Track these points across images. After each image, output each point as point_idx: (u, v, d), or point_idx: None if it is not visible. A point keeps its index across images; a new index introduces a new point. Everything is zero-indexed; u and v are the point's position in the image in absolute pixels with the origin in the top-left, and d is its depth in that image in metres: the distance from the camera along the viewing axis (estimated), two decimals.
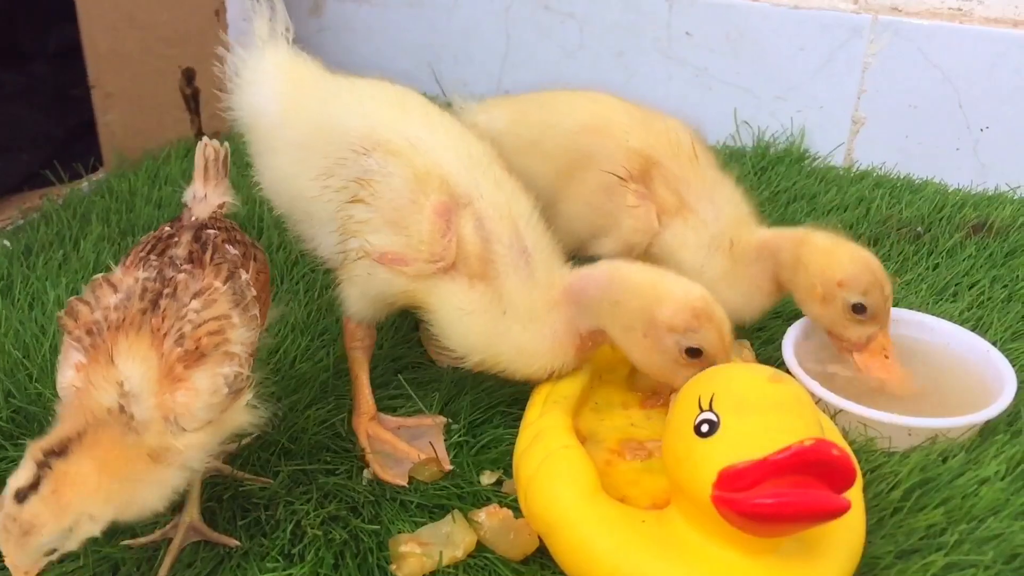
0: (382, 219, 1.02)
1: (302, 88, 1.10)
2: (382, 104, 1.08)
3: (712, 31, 1.90)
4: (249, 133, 1.12)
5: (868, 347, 1.14)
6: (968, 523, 0.97)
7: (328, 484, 1.02)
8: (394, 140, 1.03)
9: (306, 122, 1.08)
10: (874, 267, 1.13)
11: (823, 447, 0.74)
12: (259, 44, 1.12)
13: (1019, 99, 1.72)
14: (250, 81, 1.11)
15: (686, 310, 0.97)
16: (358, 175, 1.03)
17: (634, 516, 0.87)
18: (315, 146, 1.06)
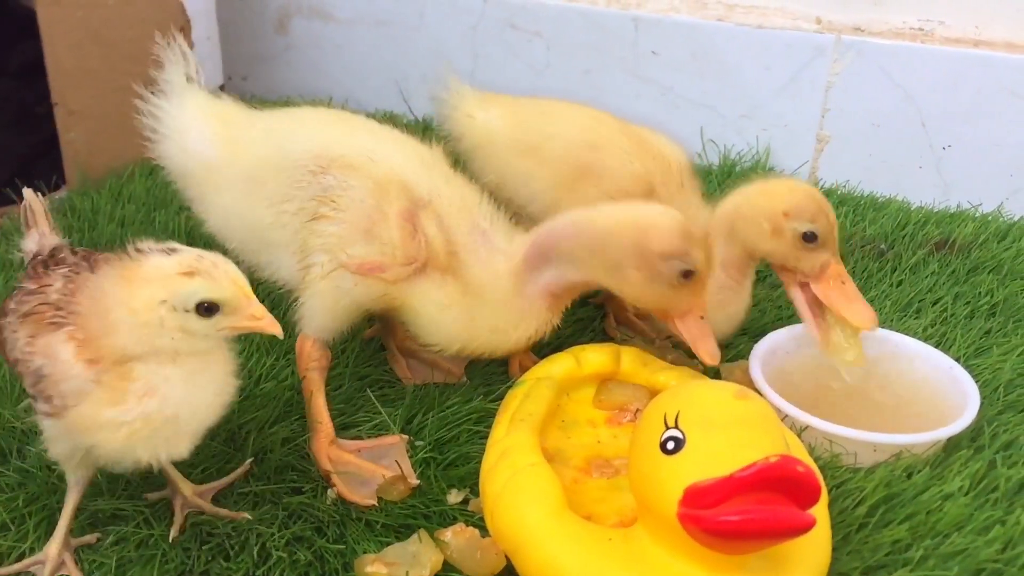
0: (354, 230, 1.04)
1: (233, 125, 1.13)
2: (326, 124, 1.12)
3: (678, 50, 1.91)
4: (184, 179, 1.14)
5: (824, 275, 1.15)
6: (933, 538, 0.97)
7: (293, 504, 1.01)
8: (348, 154, 1.06)
9: (250, 155, 1.10)
10: (815, 195, 1.15)
11: (788, 464, 0.74)
12: (177, 92, 1.13)
13: (981, 118, 1.75)
14: (176, 129, 1.13)
15: (675, 235, 1.01)
16: (318, 194, 1.05)
17: (600, 534, 0.87)
18: (264, 176, 1.08)
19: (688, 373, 1.12)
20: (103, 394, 0.83)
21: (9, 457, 1.06)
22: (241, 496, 1.03)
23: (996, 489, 1.04)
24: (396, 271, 1.04)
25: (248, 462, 1.06)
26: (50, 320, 0.86)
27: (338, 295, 1.07)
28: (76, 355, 0.84)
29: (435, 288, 1.05)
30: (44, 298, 0.88)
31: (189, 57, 1.14)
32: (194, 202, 1.16)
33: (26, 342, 0.86)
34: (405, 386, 1.22)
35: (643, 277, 1.02)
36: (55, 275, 0.91)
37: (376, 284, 1.05)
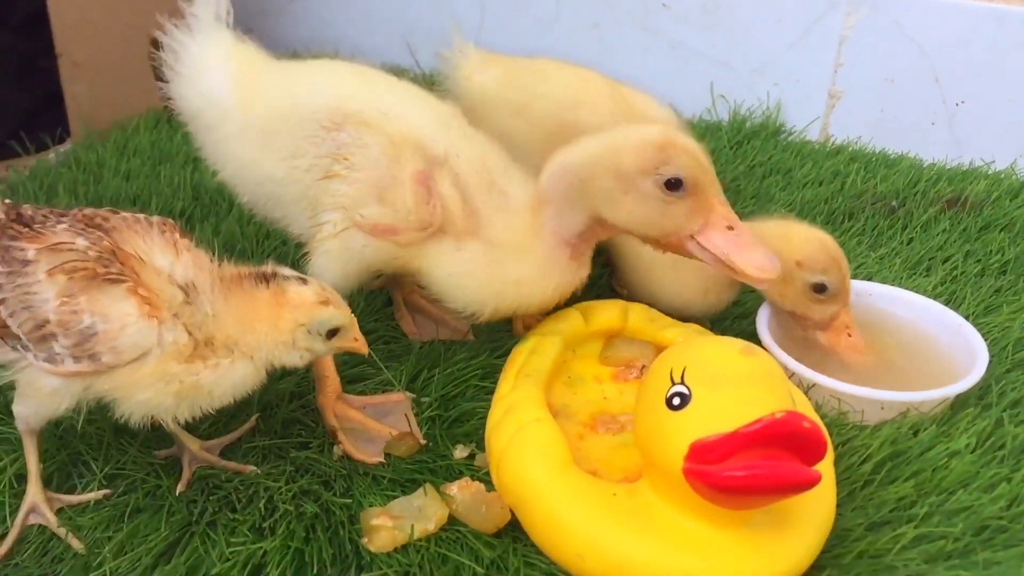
0: (367, 191, 1.02)
1: (254, 73, 1.09)
2: (345, 79, 1.08)
3: (688, 3, 1.88)
4: (198, 122, 1.10)
5: (832, 326, 1.15)
6: (938, 495, 0.97)
7: (300, 458, 1.02)
8: (365, 111, 1.03)
9: (266, 106, 1.07)
10: (830, 246, 1.13)
11: (794, 419, 0.74)
12: (202, 30, 1.09)
13: (995, 74, 1.72)
14: (196, 69, 1.09)
15: (648, 146, 0.96)
16: (332, 150, 1.03)
17: (605, 489, 0.87)
18: (279, 129, 1.05)
19: (695, 329, 1.12)
20: (169, 351, 0.87)
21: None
22: (248, 450, 1.03)
23: (1003, 447, 1.04)
24: (409, 235, 1.02)
25: (254, 417, 1.06)
26: (104, 277, 0.86)
27: (348, 255, 1.06)
28: (140, 311, 0.85)
29: (450, 253, 1.03)
30: (79, 256, 0.87)
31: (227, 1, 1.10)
32: (206, 148, 1.12)
33: (62, 302, 0.85)
34: (411, 342, 1.22)
35: (631, 200, 0.97)
36: (64, 233, 0.89)
37: (388, 246, 1.04)
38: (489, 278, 1.04)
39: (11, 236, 0.90)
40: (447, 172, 1.03)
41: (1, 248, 0.89)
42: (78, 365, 0.86)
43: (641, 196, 0.97)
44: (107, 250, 0.88)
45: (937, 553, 0.90)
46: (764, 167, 1.71)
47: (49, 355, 0.86)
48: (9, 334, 0.88)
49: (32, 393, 0.91)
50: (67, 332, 0.85)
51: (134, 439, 1.04)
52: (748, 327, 1.21)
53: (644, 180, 0.96)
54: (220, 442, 1.03)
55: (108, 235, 0.90)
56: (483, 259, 1.03)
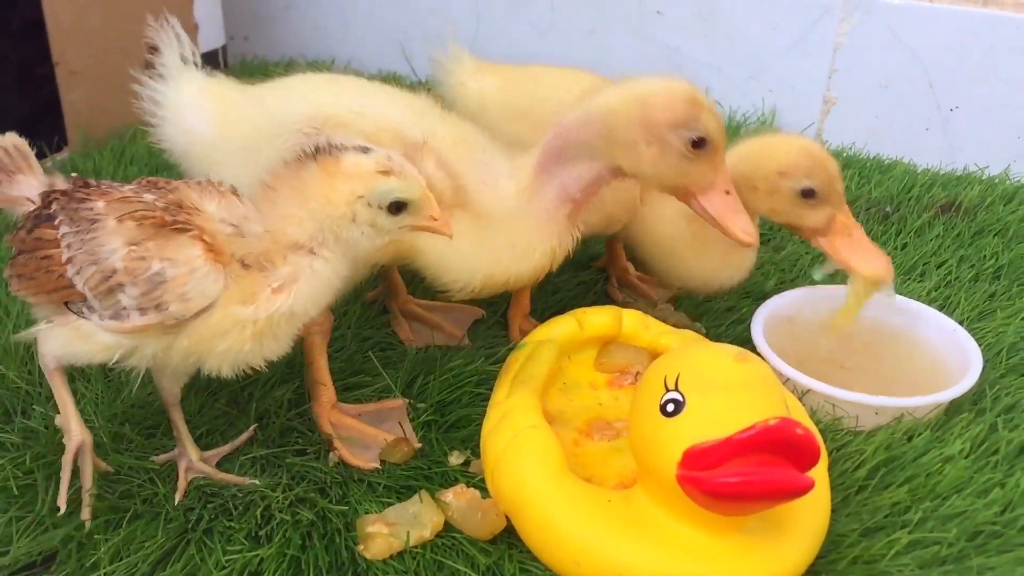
0: None
1: (228, 103, 1.13)
2: (317, 88, 1.12)
3: (683, 10, 1.89)
4: (186, 159, 1.15)
5: (832, 228, 1.13)
6: (932, 501, 0.98)
7: (296, 466, 1.02)
8: (339, 113, 1.06)
9: (244, 128, 1.10)
10: (812, 149, 1.12)
11: (787, 426, 0.74)
12: (174, 75, 1.14)
13: (989, 79, 1.73)
14: (174, 111, 1.13)
15: (680, 102, 0.98)
16: None
17: (600, 495, 0.87)
18: (258, 144, 1.08)
19: (690, 336, 1.12)
20: (235, 295, 0.86)
21: (14, 417, 1.07)
22: (245, 458, 1.03)
23: (996, 452, 1.04)
24: None
25: (252, 428, 1.06)
26: (171, 226, 0.85)
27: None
28: (206, 256, 0.85)
29: None
30: (147, 206, 0.87)
31: (183, 39, 1.15)
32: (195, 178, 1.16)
33: (130, 249, 0.85)
34: (407, 348, 1.22)
35: (655, 152, 0.99)
36: (127, 190, 0.90)
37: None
38: (480, 247, 1.04)
39: (79, 199, 0.90)
40: (429, 153, 1.04)
41: (70, 211, 0.90)
42: (145, 318, 0.85)
43: (665, 148, 0.98)
44: (173, 203, 0.88)
45: (931, 559, 0.91)
46: None
47: (115, 311, 0.86)
48: (75, 295, 0.87)
49: (76, 339, 0.90)
50: (135, 280, 0.84)
51: (131, 444, 1.04)
52: (743, 332, 1.22)
53: (671, 134, 0.98)
54: (218, 452, 1.04)
55: (172, 192, 0.90)
56: (474, 229, 1.04)
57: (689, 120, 0.97)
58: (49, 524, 0.94)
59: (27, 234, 0.92)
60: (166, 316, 0.85)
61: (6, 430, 1.04)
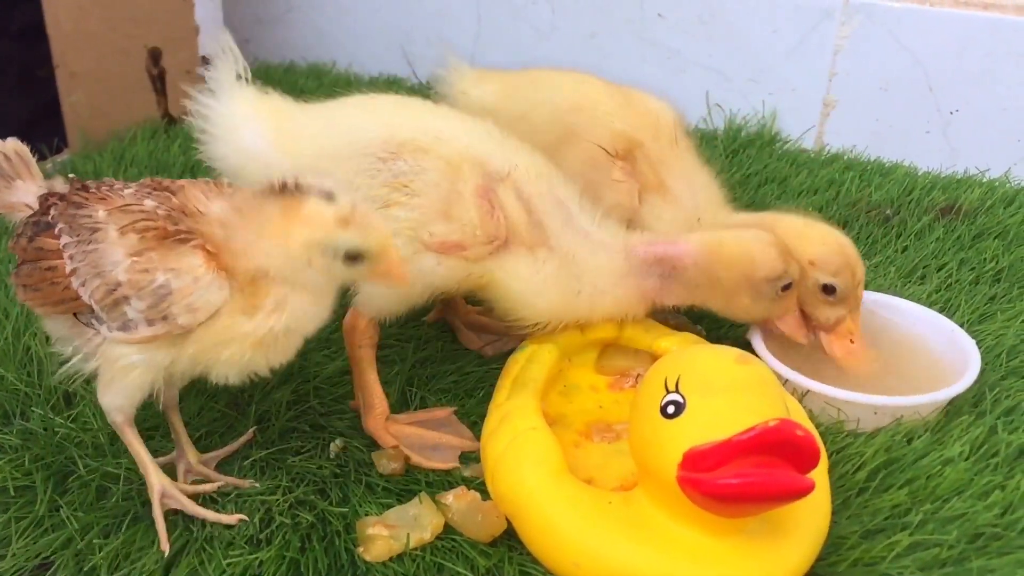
0: (431, 213, 1.03)
1: (287, 120, 1.11)
2: (390, 110, 1.11)
3: (685, 13, 1.89)
4: (241, 178, 1.10)
5: (836, 329, 1.15)
6: (932, 503, 0.97)
7: (296, 467, 1.02)
8: (417, 138, 1.05)
9: (309, 147, 1.08)
10: (847, 250, 1.14)
11: (787, 427, 0.74)
12: (227, 91, 1.10)
13: (989, 82, 1.73)
14: (229, 129, 1.10)
15: (777, 261, 1.09)
16: (389, 180, 1.04)
17: (600, 497, 0.87)
18: (328, 167, 1.05)
19: (690, 339, 1.12)
20: (238, 305, 0.86)
21: (12, 419, 1.07)
22: (244, 460, 1.03)
23: (996, 454, 1.04)
24: (477, 249, 1.03)
25: (251, 430, 1.06)
26: (174, 237, 0.85)
27: (418, 278, 1.04)
28: (209, 266, 0.85)
29: (521, 262, 1.05)
30: (149, 215, 0.87)
31: (237, 55, 1.11)
32: None
33: (133, 261, 0.85)
34: (404, 350, 1.22)
35: (749, 298, 1.10)
36: (131, 196, 0.90)
37: (459, 265, 1.04)
38: (565, 288, 1.06)
39: (77, 204, 0.90)
40: (509, 185, 1.05)
41: (68, 218, 0.89)
42: (152, 328, 0.85)
43: (758, 295, 1.10)
44: (176, 208, 0.88)
45: (932, 561, 0.91)
46: (759, 176, 1.72)
47: (122, 323, 0.86)
48: (82, 306, 0.87)
49: (115, 374, 0.89)
50: (140, 293, 0.84)
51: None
52: (743, 334, 1.21)
53: (767, 285, 1.09)
54: (217, 455, 1.03)
55: (176, 195, 0.90)
56: (559, 268, 1.06)
57: (783, 274, 1.09)
58: (48, 526, 0.94)
59: (28, 243, 0.91)
60: (173, 326, 0.85)
61: (5, 432, 1.04)
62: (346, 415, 1.11)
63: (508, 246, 1.04)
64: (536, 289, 1.05)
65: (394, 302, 1.07)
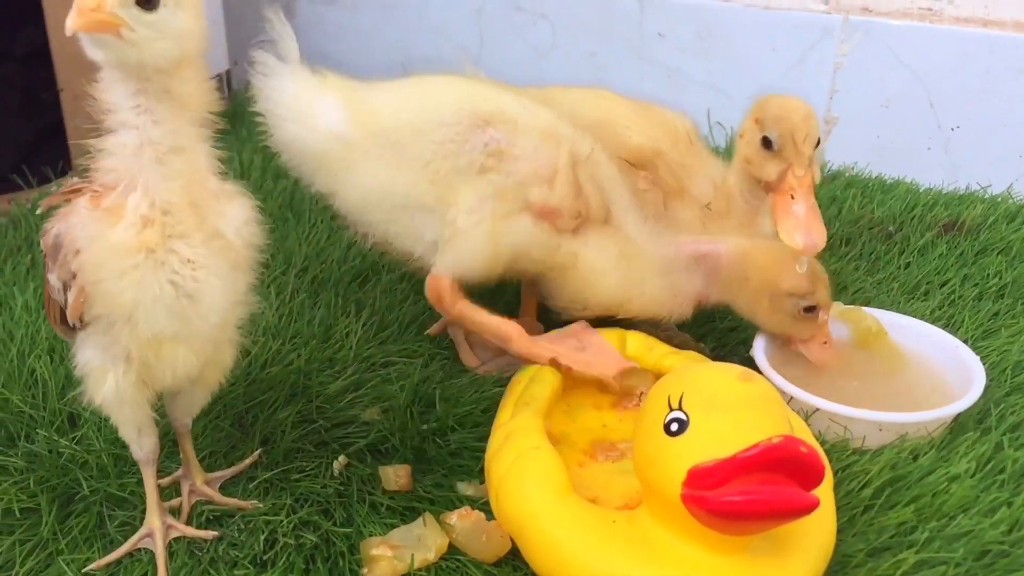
0: (531, 178, 1.07)
1: (357, 97, 1.10)
2: (468, 86, 1.13)
3: (684, 32, 1.90)
4: (314, 161, 1.10)
5: (779, 186, 1.14)
6: (939, 520, 0.97)
7: (300, 487, 1.02)
8: (505, 110, 1.09)
9: (386, 123, 1.08)
10: (788, 103, 1.17)
11: (791, 444, 0.74)
12: (293, 72, 1.09)
13: (989, 98, 1.74)
14: (299, 111, 1.09)
15: (803, 278, 1.11)
16: (480, 147, 1.07)
17: (605, 516, 0.87)
18: (409, 140, 1.08)
19: (693, 357, 1.12)
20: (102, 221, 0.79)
21: (17, 441, 1.07)
22: (250, 481, 1.03)
23: (1003, 471, 1.04)
24: (566, 220, 1.08)
25: (257, 452, 1.06)
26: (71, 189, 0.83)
27: (505, 237, 1.08)
28: (90, 205, 0.80)
29: (603, 239, 1.11)
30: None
31: (291, 36, 1.09)
32: (323, 183, 1.12)
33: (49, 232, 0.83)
34: (408, 368, 1.22)
35: (771, 308, 1.14)
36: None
37: (551, 234, 1.09)
38: (631, 272, 1.12)
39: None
40: (588, 165, 1.10)
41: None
42: (70, 294, 0.81)
43: (779, 307, 1.13)
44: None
45: None
46: None
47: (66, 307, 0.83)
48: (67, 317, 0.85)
49: (97, 385, 0.87)
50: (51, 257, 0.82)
51: (133, 467, 1.04)
52: (747, 352, 1.21)
53: (789, 299, 1.12)
54: (222, 475, 1.03)
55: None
56: (628, 249, 1.12)
57: (807, 293, 1.11)
58: (53, 549, 0.94)
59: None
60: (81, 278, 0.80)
61: (9, 454, 1.04)
62: (351, 431, 1.10)
63: (587, 223, 1.09)
64: (606, 268, 1.11)
65: (481, 261, 1.10)
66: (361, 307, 1.32)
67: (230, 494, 1.01)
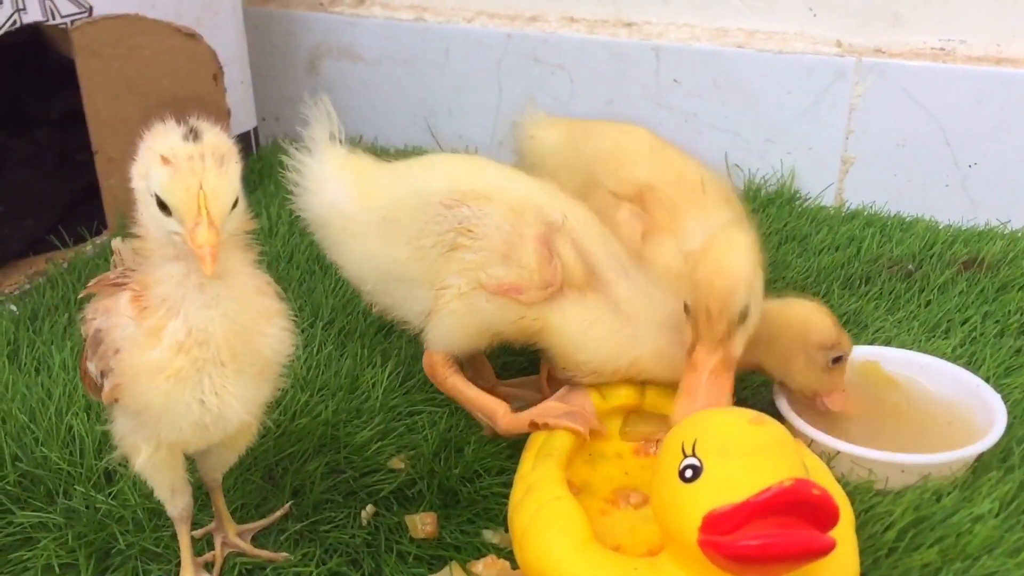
0: (492, 255, 1.10)
1: (368, 176, 1.20)
2: (454, 165, 1.21)
3: (699, 78, 1.93)
4: (324, 228, 1.21)
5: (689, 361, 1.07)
6: (963, 561, 0.97)
7: (329, 538, 1.04)
8: (479, 187, 1.13)
9: (385, 199, 1.17)
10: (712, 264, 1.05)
11: (802, 487, 0.75)
12: (320, 149, 1.20)
13: (1005, 135, 1.75)
14: (316, 183, 1.20)
15: (831, 330, 1.13)
16: (455, 225, 1.12)
17: (626, 564, 0.88)
18: (399, 216, 1.15)
19: None
20: (142, 339, 0.82)
21: (56, 497, 1.10)
22: (280, 533, 1.05)
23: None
24: (532, 294, 1.10)
25: (288, 505, 1.08)
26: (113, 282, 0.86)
27: (471, 314, 1.12)
28: (133, 305, 0.83)
29: (575, 305, 1.11)
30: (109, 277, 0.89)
31: (332, 116, 1.21)
32: (331, 250, 1.22)
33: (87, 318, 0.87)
34: (434, 418, 1.24)
35: (802, 362, 1.13)
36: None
37: (512, 306, 1.11)
38: (620, 331, 1.11)
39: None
40: (565, 234, 1.11)
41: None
42: (108, 381, 0.85)
43: (811, 362, 1.13)
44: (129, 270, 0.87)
45: None
46: (780, 234, 1.73)
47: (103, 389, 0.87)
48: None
49: (131, 455, 0.91)
50: (92, 349, 0.86)
51: (169, 521, 1.06)
52: (769, 396, 1.22)
53: (820, 352, 1.12)
54: (253, 527, 1.06)
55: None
56: (611, 312, 1.11)
57: (835, 343, 1.12)
58: None
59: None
60: (115, 375, 0.84)
61: (49, 510, 1.07)
62: (378, 480, 1.13)
63: (563, 292, 1.10)
64: (590, 334, 1.11)
65: (459, 336, 1.14)
66: (387, 357, 1.35)
67: (261, 546, 1.04)
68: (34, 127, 2.05)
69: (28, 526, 1.06)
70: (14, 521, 1.07)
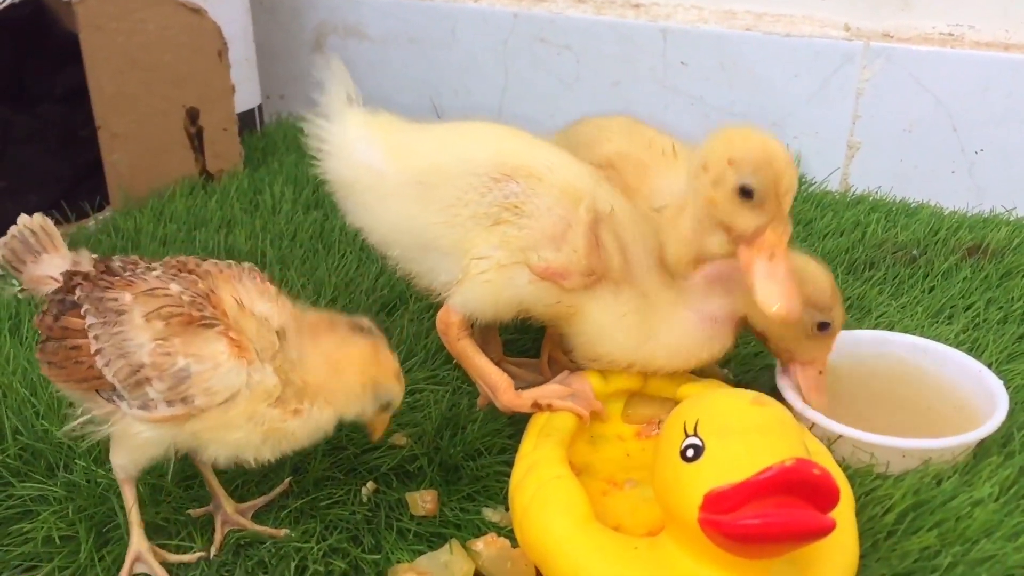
0: (541, 236, 1.08)
1: (400, 137, 1.16)
2: (503, 139, 1.16)
3: (706, 60, 1.92)
4: (350, 190, 1.17)
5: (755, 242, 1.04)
6: (962, 545, 0.97)
7: (330, 515, 1.04)
8: (531, 165, 1.10)
9: (423, 162, 1.13)
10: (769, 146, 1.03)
11: (804, 467, 0.75)
12: (338, 112, 1.16)
13: (1012, 121, 1.74)
14: (340, 146, 1.16)
15: (825, 294, 1.10)
16: (500, 199, 1.09)
17: (627, 543, 0.88)
18: (437, 182, 1.11)
19: (714, 384, 1.13)
20: (257, 391, 0.90)
21: (57, 471, 1.10)
22: (281, 509, 1.06)
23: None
24: (576, 279, 1.08)
25: (287, 480, 1.09)
26: (198, 323, 0.89)
27: (506, 288, 1.10)
28: (231, 351, 0.89)
29: (610, 298, 1.10)
30: (174, 301, 0.90)
31: (347, 79, 1.17)
32: (357, 213, 1.18)
33: (157, 345, 0.88)
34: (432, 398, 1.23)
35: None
36: (156, 280, 0.93)
37: (552, 290, 1.09)
38: (641, 327, 1.10)
39: (103, 287, 0.93)
40: (608, 224, 1.09)
41: (95, 300, 0.93)
42: (172, 409, 0.89)
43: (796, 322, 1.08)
44: (201, 294, 0.92)
45: None
46: None
47: (143, 402, 0.89)
48: (105, 384, 0.91)
49: (127, 442, 0.94)
50: (161, 375, 0.88)
51: (169, 496, 1.07)
52: (772, 380, 1.22)
53: (808, 310, 1.08)
54: (253, 505, 1.06)
55: (202, 280, 0.94)
56: (640, 307, 1.10)
57: (826, 307, 1.10)
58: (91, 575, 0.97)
59: (53, 321, 0.95)
60: (192, 408, 0.89)
61: (49, 484, 1.07)
62: (378, 456, 1.13)
63: (600, 281, 1.09)
64: (619, 325, 1.10)
65: (486, 306, 1.12)
66: (389, 335, 1.34)
67: (261, 522, 1.04)
68: (38, 102, 2.05)
69: (29, 499, 1.06)
70: (15, 494, 1.07)
